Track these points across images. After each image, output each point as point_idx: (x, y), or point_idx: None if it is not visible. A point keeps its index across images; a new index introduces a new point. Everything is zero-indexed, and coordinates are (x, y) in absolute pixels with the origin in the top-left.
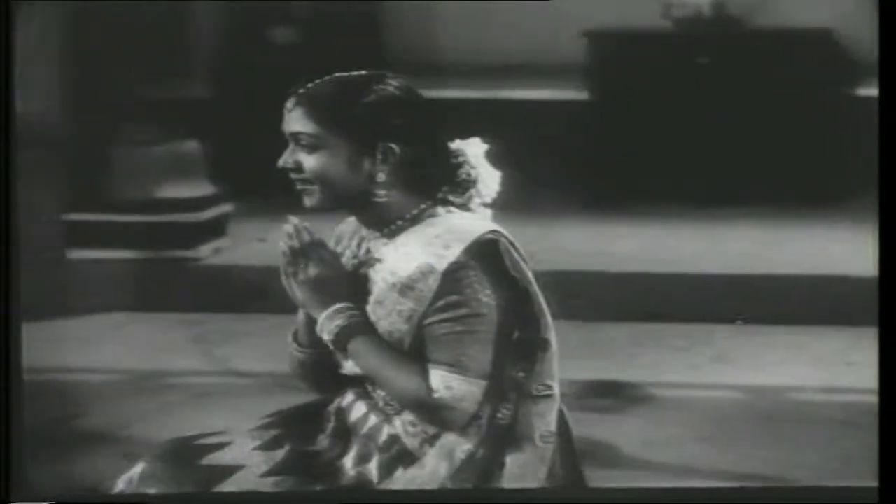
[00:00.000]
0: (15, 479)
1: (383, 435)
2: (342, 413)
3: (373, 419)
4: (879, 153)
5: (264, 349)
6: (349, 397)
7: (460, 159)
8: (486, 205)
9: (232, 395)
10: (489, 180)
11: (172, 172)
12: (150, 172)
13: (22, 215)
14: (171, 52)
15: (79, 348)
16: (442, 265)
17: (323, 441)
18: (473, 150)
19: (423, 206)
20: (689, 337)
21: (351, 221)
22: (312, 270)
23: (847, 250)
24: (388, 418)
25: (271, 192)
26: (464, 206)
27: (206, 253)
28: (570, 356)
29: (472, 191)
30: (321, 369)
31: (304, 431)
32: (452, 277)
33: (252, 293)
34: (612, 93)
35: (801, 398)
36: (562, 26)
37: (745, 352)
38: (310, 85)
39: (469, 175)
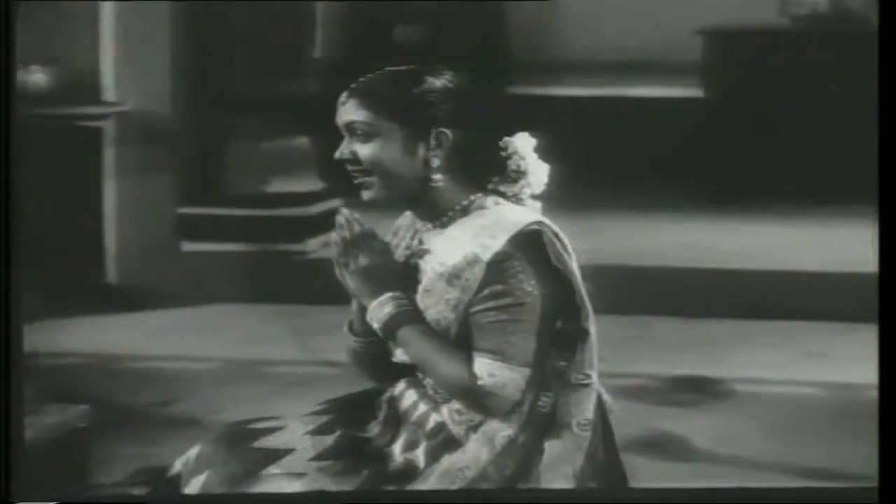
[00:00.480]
0: (15, 479)
1: (431, 422)
2: (394, 401)
3: (422, 407)
4: (879, 152)
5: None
6: (401, 386)
7: (510, 151)
8: (534, 196)
9: (321, 385)
10: (539, 173)
11: (283, 168)
12: (261, 167)
13: (137, 208)
14: (285, 49)
15: (183, 337)
16: (487, 255)
17: (374, 428)
18: (522, 143)
19: (472, 197)
20: (783, 334)
21: (408, 215)
22: (363, 260)
23: None
24: (436, 406)
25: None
26: (514, 198)
27: (314, 247)
28: (666, 350)
29: (523, 182)
30: (376, 358)
31: (355, 418)
32: (497, 267)
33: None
34: (728, 91)
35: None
36: (678, 24)
37: (839, 349)
38: (362, 79)
39: (519, 167)
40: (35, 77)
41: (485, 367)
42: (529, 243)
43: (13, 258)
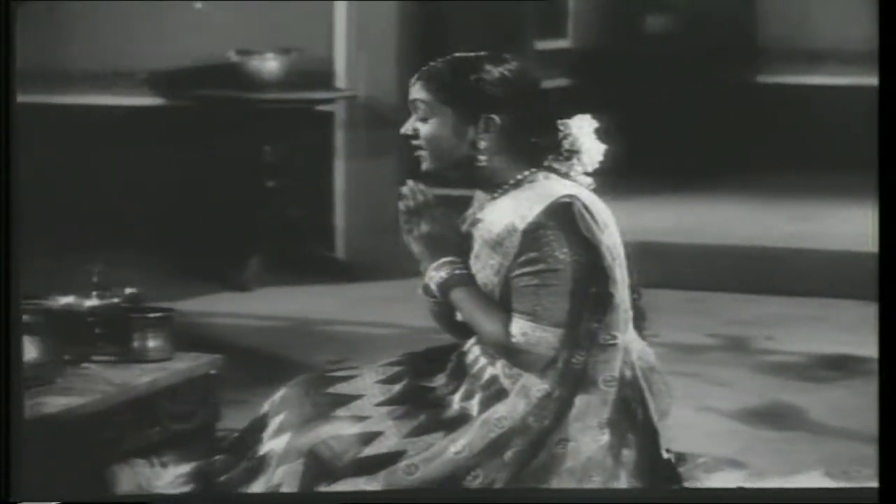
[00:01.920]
0: (15, 479)
1: (486, 375)
2: (462, 356)
3: (481, 361)
4: (879, 149)
5: None
6: (470, 342)
7: (566, 132)
8: (587, 173)
9: None
10: (592, 152)
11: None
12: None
13: (364, 187)
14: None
15: (381, 306)
16: (522, 225)
17: (440, 378)
18: (582, 125)
19: (527, 172)
20: None
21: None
22: (424, 227)
23: None
24: (492, 361)
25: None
26: (566, 175)
27: None
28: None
29: (575, 160)
30: (449, 316)
31: (425, 369)
32: (532, 236)
33: None
34: None
35: None
36: None
37: None
38: (432, 63)
39: (572, 146)
40: (269, 64)
41: (518, 327)
42: (561, 214)
43: (12, 245)
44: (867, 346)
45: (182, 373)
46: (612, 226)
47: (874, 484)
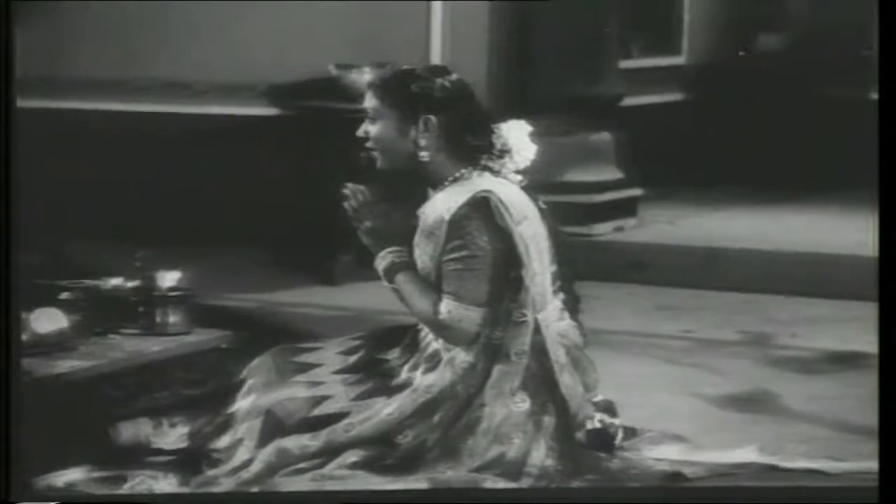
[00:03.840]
0: (15, 479)
1: (430, 349)
2: (416, 333)
3: (429, 337)
4: (880, 152)
5: (596, 312)
6: None
7: (499, 134)
8: (518, 172)
9: None
10: (523, 152)
11: (580, 159)
12: (560, 159)
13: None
14: (590, 53)
15: None
16: (448, 216)
17: (395, 352)
18: (516, 128)
19: (464, 170)
20: None
21: None
22: (367, 223)
23: None
24: (436, 337)
25: (682, 182)
26: (497, 173)
27: (603, 230)
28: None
29: (507, 160)
30: None
31: (382, 344)
32: (457, 226)
33: (634, 265)
34: None
35: None
36: None
37: None
38: (384, 72)
39: (504, 147)
40: (366, 77)
41: (445, 306)
42: (480, 206)
43: (12, 253)
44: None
45: (193, 345)
46: (531, 218)
47: (806, 462)
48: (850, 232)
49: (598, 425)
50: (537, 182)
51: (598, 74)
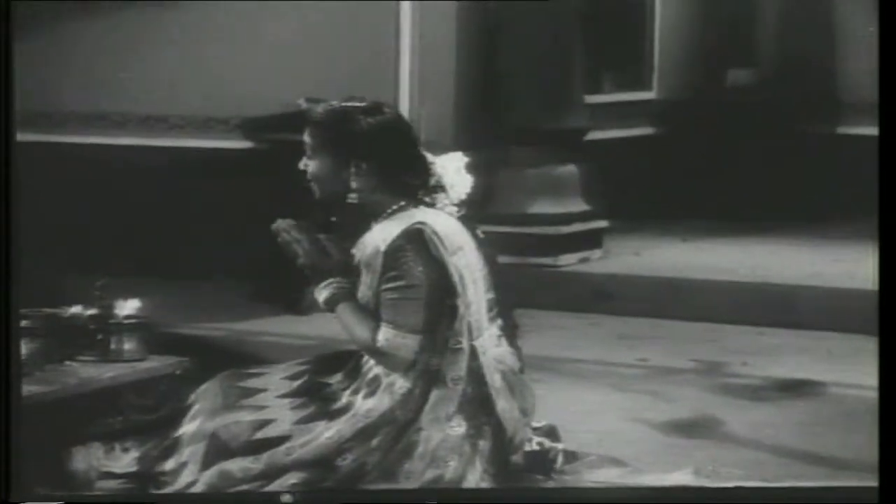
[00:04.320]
0: (15, 479)
1: (371, 374)
2: (360, 358)
3: (370, 363)
4: (879, 158)
5: (557, 341)
6: None
7: (433, 169)
8: (455, 204)
9: None
10: (459, 186)
11: (547, 191)
12: (527, 190)
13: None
14: (556, 87)
15: None
16: (384, 247)
17: (338, 377)
18: (451, 161)
19: (401, 203)
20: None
21: None
22: (301, 258)
23: None
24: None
25: (648, 214)
26: (433, 205)
27: (569, 261)
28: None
29: (442, 194)
30: None
31: (327, 368)
32: (392, 256)
33: (598, 295)
34: None
35: None
36: None
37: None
38: (320, 109)
39: (439, 182)
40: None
41: (383, 334)
42: (414, 238)
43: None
44: (833, 374)
45: (147, 371)
46: (466, 249)
47: (740, 483)
48: (811, 263)
49: (536, 447)
50: (502, 213)
51: (563, 108)
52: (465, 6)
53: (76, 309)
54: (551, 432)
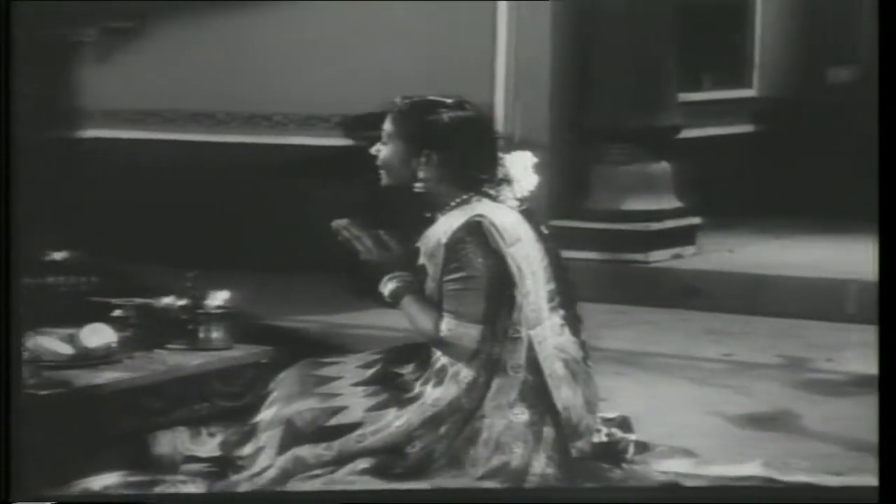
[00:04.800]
0: (15, 479)
1: (438, 364)
2: (430, 349)
3: (439, 354)
4: (880, 155)
5: (645, 336)
6: None
7: (502, 164)
8: (518, 199)
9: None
10: (524, 182)
11: (640, 188)
12: (620, 188)
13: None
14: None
15: None
16: (445, 239)
17: (409, 367)
18: (520, 159)
19: (465, 196)
20: None
21: None
22: (363, 254)
23: None
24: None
25: (743, 211)
26: (496, 199)
27: (660, 258)
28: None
29: (507, 188)
30: None
31: (398, 359)
32: (453, 248)
33: (688, 291)
34: None
35: None
36: None
37: None
38: (403, 101)
39: (505, 176)
40: None
41: (446, 324)
42: (473, 230)
43: (12, 261)
44: None
45: (233, 360)
46: (525, 241)
47: (804, 476)
48: None
49: (604, 439)
50: (594, 210)
51: (656, 106)
52: (560, 6)
53: (168, 300)
54: (624, 423)
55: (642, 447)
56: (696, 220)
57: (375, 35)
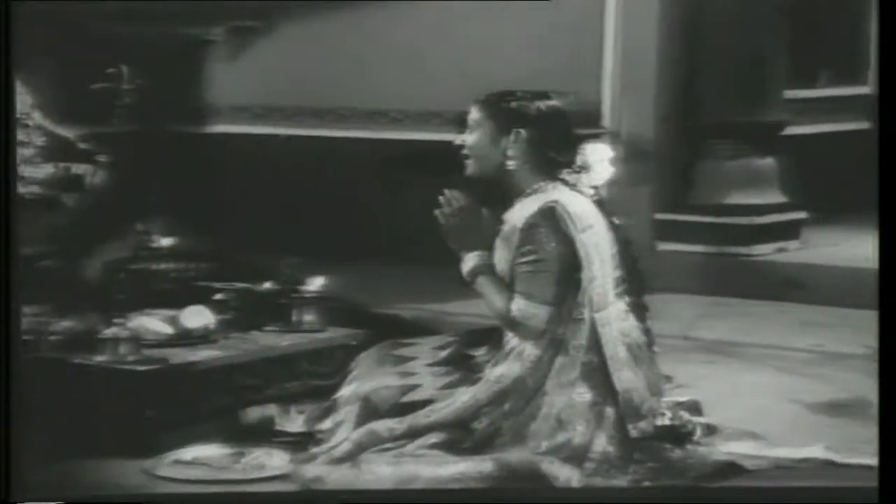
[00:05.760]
0: (15, 479)
1: (508, 346)
2: (503, 332)
3: (510, 337)
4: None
5: (740, 326)
6: None
7: (580, 153)
8: (594, 187)
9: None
10: (600, 172)
11: (744, 183)
12: (724, 182)
13: (623, 212)
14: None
15: None
16: (520, 223)
17: (482, 349)
18: (599, 150)
19: (542, 182)
20: None
21: None
22: (460, 227)
23: None
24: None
25: (852, 207)
26: (573, 186)
27: (764, 251)
28: None
29: (583, 176)
30: None
31: (472, 341)
32: (527, 232)
33: (790, 284)
34: None
35: None
36: None
37: None
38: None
39: (583, 164)
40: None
41: (516, 305)
42: (547, 215)
43: (13, 261)
44: None
45: (324, 341)
46: (596, 227)
47: (862, 459)
48: None
49: (667, 422)
50: (699, 204)
51: (761, 102)
52: (667, 2)
53: (268, 285)
54: (694, 407)
55: (711, 430)
56: (801, 215)
57: (488, 32)
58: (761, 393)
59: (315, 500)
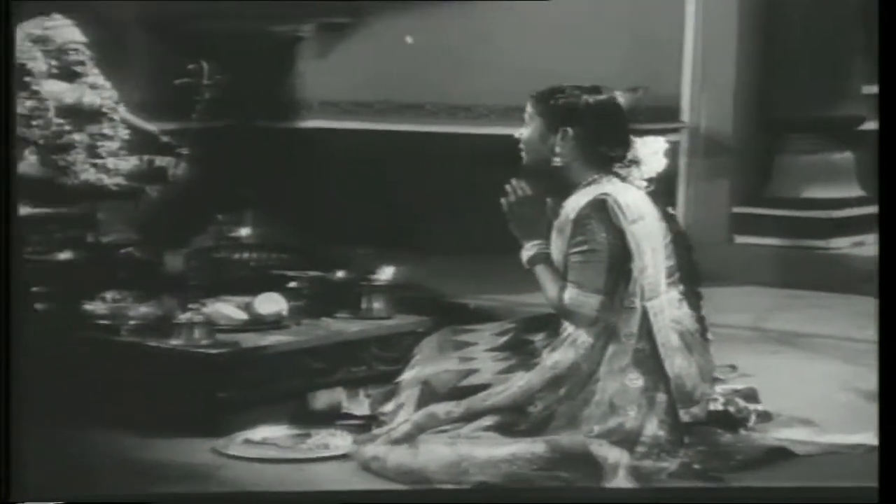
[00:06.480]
0: (15, 479)
1: (565, 333)
2: (560, 319)
3: (566, 324)
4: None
5: (809, 318)
6: None
7: (633, 147)
8: (646, 180)
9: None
10: (652, 164)
11: (822, 177)
12: (801, 176)
13: (701, 206)
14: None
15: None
16: (573, 215)
17: (540, 335)
18: (652, 143)
19: (596, 175)
20: None
21: None
22: (525, 215)
23: None
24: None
25: None
26: (625, 179)
27: (840, 245)
28: None
29: (635, 169)
30: None
31: (531, 328)
32: (579, 223)
33: (864, 277)
34: None
35: None
36: None
37: None
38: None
39: (634, 158)
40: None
41: (568, 293)
42: (598, 207)
43: (13, 261)
44: None
45: (391, 328)
46: (647, 218)
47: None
48: None
49: (720, 407)
50: (776, 197)
51: (839, 97)
52: None
53: (341, 274)
54: (750, 394)
55: (765, 416)
56: (873, 209)
57: (571, 28)
58: (820, 382)
59: (315, 500)
